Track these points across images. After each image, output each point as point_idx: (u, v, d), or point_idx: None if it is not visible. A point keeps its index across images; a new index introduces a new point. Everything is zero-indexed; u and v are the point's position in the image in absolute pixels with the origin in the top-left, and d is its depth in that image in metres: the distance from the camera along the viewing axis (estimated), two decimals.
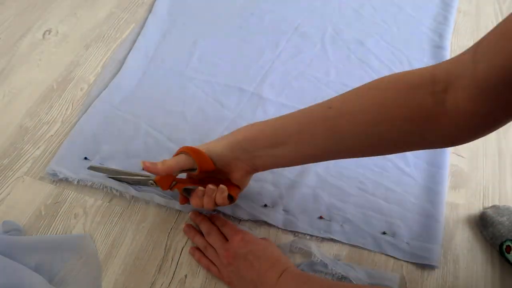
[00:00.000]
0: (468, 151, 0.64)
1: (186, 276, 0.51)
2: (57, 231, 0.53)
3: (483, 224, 0.56)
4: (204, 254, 0.51)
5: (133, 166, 0.58)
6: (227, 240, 0.50)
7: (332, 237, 0.54)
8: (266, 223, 0.55)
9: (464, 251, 0.54)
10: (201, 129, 0.63)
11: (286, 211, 0.56)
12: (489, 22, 0.83)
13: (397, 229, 0.54)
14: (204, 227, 0.52)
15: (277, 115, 0.64)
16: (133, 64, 0.70)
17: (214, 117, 0.65)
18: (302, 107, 0.65)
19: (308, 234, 0.54)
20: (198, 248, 0.52)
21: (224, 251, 0.49)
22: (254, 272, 0.46)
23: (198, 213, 0.54)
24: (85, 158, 0.59)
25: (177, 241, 0.53)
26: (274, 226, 0.55)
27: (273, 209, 0.56)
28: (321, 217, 0.55)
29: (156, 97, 0.67)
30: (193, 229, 0.54)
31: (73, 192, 0.57)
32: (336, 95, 0.69)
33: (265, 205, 0.56)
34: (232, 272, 0.48)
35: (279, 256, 0.48)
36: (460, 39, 0.79)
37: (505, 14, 0.84)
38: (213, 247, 0.51)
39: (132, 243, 0.53)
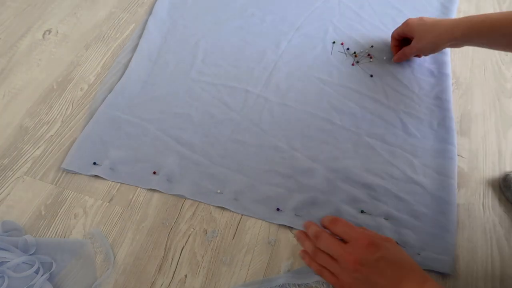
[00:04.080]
0: (468, 151, 0.64)
1: (186, 276, 0.51)
2: (57, 231, 0.53)
3: (506, 185, 0.58)
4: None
5: (143, 170, 0.59)
6: (345, 242, 0.45)
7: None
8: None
9: (464, 251, 0.54)
10: (209, 131, 0.63)
11: (298, 216, 0.56)
12: None
13: (409, 240, 0.54)
14: (312, 230, 0.48)
15: (283, 116, 0.66)
16: (137, 68, 0.70)
17: (221, 119, 0.65)
18: (308, 109, 0.67)
19: None
20: (307, 253, 0.48)
21: (347, 256, 0.43)
22: (387, 281, 0.41)
23: (311, 222, 0.50)
24: (94, 163, 0.59)
25: (177, 241, 0.53)
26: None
27: (285, 213, 0.56)
28: None
29: (162, 100, 0.67)
30: (304, 234, 0.50)
31: (73, 192, 0.57)
32: (340, 97, 0.69)
33: (278, 209, 0.56)
34: (358, 280, 0.42)
35: (414, 264, 0.43)
36: None
37: None
38: (324, 253, 0.46)
39: (132, 243, 0.53)
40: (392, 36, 0.72)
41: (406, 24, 0.68)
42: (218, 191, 0.57)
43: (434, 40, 0.64)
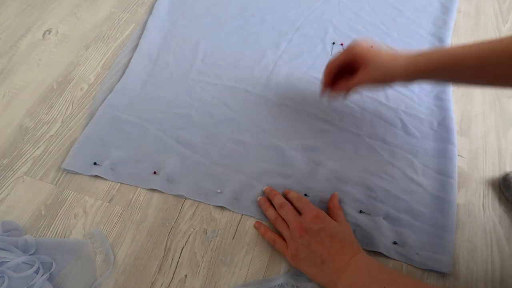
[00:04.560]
0: (468, 151, 0.64)
1: (186, 276, 0.51)
2: (57, 231, 0.53)
3: (506, 185, 0.58)
4: (269, 229, 0.53)
5: (143, 170, 0.58)
6: (300, 214, 0.52)
7: None
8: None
9: (464, 251, 0.54)
10: (209, 131, 0.63)
11: None
12: (489, 22, 0.83)
13: (408, 239, 0.54)
14: (277, 200, 0.54)
15: (283, 117, 0.66)
16: (137, 68, 0.70)
17: (221, 119, 0.65)
18: (308, 109, 0.67)
19: None
20: (262, 224, 0.54)
21: (297, 224, 0.50)
22: (324, 249, 0.47)
23: (272, 188, 0.57)
24: (95, 164, 0.59)
25: (177, 241, 0.53)
26: None
27: None
28: None
29: (162, 100, 0.66)
30: (268, 202, 0.56)
31: (73, 192, 0.57)
32: (339, 98, 0.69)
33: None
34: (302, 245, 0.48)
35: (353, 241, 0.49)
36: (460, 39, 0.80)
37: (505, 14, 0.84)
38: (284, 220, 0.52)
39: (132, 243, 0.53)
40: (331, 67, 0.58)
41: (358, 52, 0.54)
42: (218, 191, 0.57)
43: (391, 71, 0.53)
